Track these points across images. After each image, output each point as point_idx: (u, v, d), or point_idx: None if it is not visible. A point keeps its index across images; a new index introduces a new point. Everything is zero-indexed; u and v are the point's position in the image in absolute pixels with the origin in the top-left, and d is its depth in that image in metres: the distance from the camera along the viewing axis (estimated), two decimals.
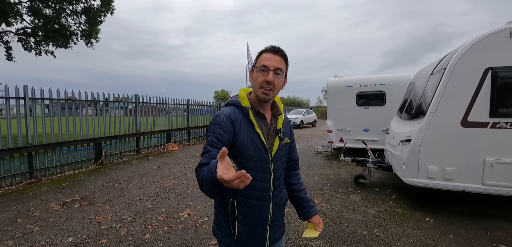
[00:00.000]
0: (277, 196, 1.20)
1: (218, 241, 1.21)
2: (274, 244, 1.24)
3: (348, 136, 7.41)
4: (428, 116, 3.64)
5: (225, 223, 1.16)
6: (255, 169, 1.09)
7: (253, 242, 1.16)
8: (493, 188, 3.42)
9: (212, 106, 13.40)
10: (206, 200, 4.18)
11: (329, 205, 3.97)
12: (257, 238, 1.17)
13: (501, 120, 3.35)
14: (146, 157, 7.89)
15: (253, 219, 1.13)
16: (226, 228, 1.15)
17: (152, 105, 9.18)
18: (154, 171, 6.13)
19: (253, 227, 1.14)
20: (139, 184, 5.05)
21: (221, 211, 1.17)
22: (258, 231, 1.16)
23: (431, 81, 4.07)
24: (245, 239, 1.14)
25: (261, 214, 1.14)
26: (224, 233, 1.17)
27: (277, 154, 1.17)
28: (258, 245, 1.18)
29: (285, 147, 1.23)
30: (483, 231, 3.19)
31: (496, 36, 3.35)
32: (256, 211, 1.13)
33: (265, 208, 1.15)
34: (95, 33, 12.04)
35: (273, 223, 1.20)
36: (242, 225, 1.12)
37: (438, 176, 3.61)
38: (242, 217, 1.12)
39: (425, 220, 3.49)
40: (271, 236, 1.20)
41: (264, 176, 1.13)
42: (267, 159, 1.12)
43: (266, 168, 1.13)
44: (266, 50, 1.11)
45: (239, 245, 1.15)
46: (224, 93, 50.34)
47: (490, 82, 3.37)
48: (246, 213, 1.12)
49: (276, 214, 1.20)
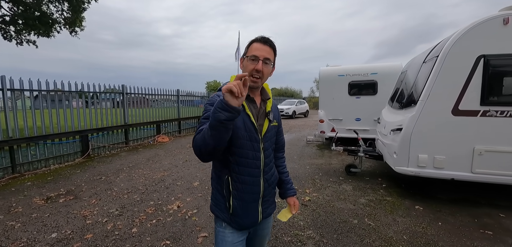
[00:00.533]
0: (268, 173, 1.31)
1: (215, 216, 1.32)
2: (265, 218, 1.36)
3: (340, 125, 7.41)
4: (420, 105, 3.62)
5: (221, 199, 1.27)
6: (247, 147, 1.20)
7: (247, 216, 1.26)
8: (482, 176, 3.46)
9: (204, 97, 13.17)
10: (196, 191, 4.10)
11: (320, 195, 3.96)
12: (250, 212, 1.27)
13: (491, 109, 3.35)
14: (135, 149, 7.71)
15: (246, 194, 1.24)
16: (222, 203, 1.26)
17: (141, 97, 8.93)
18: (143, 163, 5.99)
19: (247, 201, 1.24)
20: (128, 177, 4.92)
21: (218, 188, 1.28)
22: (251, 205, 1.27)
23: (423, 69, 4.05)
24: (240, 213, 1.24)
25: (253, 190, 1.25)
26: (221, 209, 1.27)
27: (267, 134, 1.27)
28: (252, 219, 1.28)
29: (273, 129, 1.35)
30: (470, 218, 3.23)
31: (489, 23, 3.32)
32: (249, 186, 1.24)
33: (256, 183, 1.26)
34: (79, 21, 11.52)
35: (265, 199, 1.32)
36: (236, 199, 1.23)
37: (428, 164, 3.63)
38: (236, 192, 1.23)
39: (414, 208, 3.52)
40: (263, 211, 1.32)
41: (255, 154, 1.23)
42: (257, 139, 1.23)
43: (256, 147, 1.23)
44: (256, 40, 1.20)
45: (234, 218, 1.25)
46: (216, 84, 49.77)
47: (482, 70, 3.35)
48: (240, 188, 1.22)
49: (267, 190, 1.32)
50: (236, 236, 1.28)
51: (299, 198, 3.84)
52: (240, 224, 1.27)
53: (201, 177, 4.88)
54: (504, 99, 3.33)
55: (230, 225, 1.27)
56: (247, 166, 1.22)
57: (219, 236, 1.30)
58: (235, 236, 1.28)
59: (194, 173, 5.16)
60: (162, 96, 10.11)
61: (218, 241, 1.31)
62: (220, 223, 1.30)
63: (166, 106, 10.32)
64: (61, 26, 11.31)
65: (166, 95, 10.27)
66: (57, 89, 6.17)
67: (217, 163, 1.29)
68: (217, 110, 0.96)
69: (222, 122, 0.96)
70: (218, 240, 1.31)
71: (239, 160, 1.21)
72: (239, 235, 1.29)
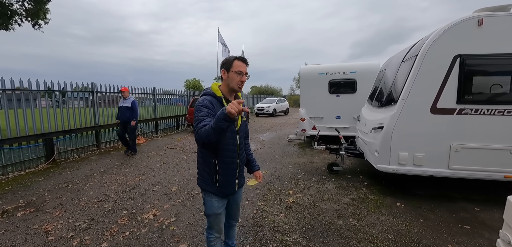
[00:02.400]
0: (241, 154, 1.84)
1: (202, 190, 1.82)
2: (240, 188, 1.93)
3: (321, 123, 7.45)
4: (400, 104, 3.66)
5: (208, 177, 1.75)
6: (228, 137, 1.69)
7: (228, 186, 1.79)
8: (458, 172, 3.57)
9: (182, 95, 12.68)
10: (174, 197, 3.84)
11: (304, 195, 3.88)
12: (230, 183, 1.79)
13: (467, 107, 3.47)
14: (107, 152, 7.19)
15: (227, 170, 1.74)
16: (209, 180, 1.74)
17: (114, 96, 8.36)
18: (116, 167, 5.57)
19: (228, 176, 1.76)
20: (98, 183, 4.51)
21: (206, 169, 1.75)
22: (231, 179, 1.79)
23: (402, 68, 4.11)
24: (223, 184, 1.75)
25: (232, 167, 1.77)
26: (208, 183, 1.76)
27: (241, 127, 1.79)
28: (231, 187, 1.81)
29: (244, 123, 1.87)
30: (449, 213, 3.32)
31: (464, 24, 3.42)
32: (230, 165, 1.75)
33: (235, 162, 1.77)
34: (43, 13, 10.55)
35: (240, 173, 1.86)
36: (221, 175, 1.72)
37: (408, 162, 3.69)
38: (221, 170, 1.72)
39: (396, 205, 3.56)
40: (239, 182, 1.88)
41: (234, 142, 1.74)
42: (234, 130, 1.74)
43: (234, 136, 1.74)
44: (238, 59, 1.70)
45: (219, 189, 1.75)
46: (195, 82, 48.58)
47: (458, 69, 3.45)
48: (224, 167, 1.72)
49: (241, 167, 1.86)
50: (220, 201, 1.81)
51: (283, 199, 3.73)
52: (224, 192, 1.79)
53: (180, 180, 4.61)
54: (479, 98, 3.46)
55: (216, 195, 1.78)
56: (228, 151, 1.72)
57: (208, 203, 1.81)
58: (219, 202, 1.81)
59: (172, 176, 4.87)
60: (137, 94, 9.57)
61: (208, 207, 1.81)
62: (207, 194, 1.79)
63: (142, 106, 9.78)
64: (22, 18, 10.29)
65: (141, 94, 9.73)
66: (17, 88, 5.53)
67: (205, 151, 1.74)
68: (221, 121, 1.40)
69: (224, 129, 1.43)
70: (208, 206, 1.81)
71: (223, 147, 1.69)
72: (222, 201, 1.83)
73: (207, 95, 1.70)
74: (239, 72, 1.66)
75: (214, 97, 1.69)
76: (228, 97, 1.72)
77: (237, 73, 1.66)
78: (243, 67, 1.68)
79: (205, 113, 1.58)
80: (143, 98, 9.94)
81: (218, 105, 1.66)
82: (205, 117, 1.55)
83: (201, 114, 1.57)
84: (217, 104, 1.67)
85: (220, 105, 1.66)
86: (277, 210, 3.40)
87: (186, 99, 12.88)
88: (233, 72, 1.67)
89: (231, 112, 1.34)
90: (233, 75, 1.67)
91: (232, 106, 1.35)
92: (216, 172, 1.69)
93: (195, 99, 11.26)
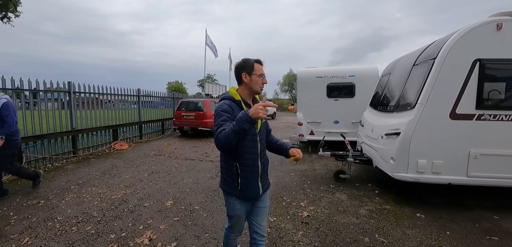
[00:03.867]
0: (263, 157, 1.80)
1: (225, 192, 1.79)
2: (264, 192, 1.83)
3: (319, 128, 7.21)
4: (418, 109, 3.46)
5: (230, 180, 1.72)
6: (249, 140, 1.66)
7: (251, 189, 1.73)
8: (477, 179, 3.42)
9: (164, 97, 11.90)
10: (170, 214, 3.33)
11: (317, 208, 3.54)
12: (253, 187, 1.74)
13: (486, 113, 3.33)
14: (86, 159, 6.41)
15: (249, 173, 1.70)
16: (232, 182, 1.71)
17: (93, 97, 7.57)
18: (98, 178, 4.90)
19: (250, 179, 1.71)
20: (77, 199, 3.86)
21: (228, 172, 1.73)
22: (254, 182, 1.74)
23: (415, 72, 3.93)
24: (246, 188, 1.71)
25: (254, 170, 1.72)
26: (230, 186, 1.73)
27: (260, 129, 1.76)
28: (255, 191, 1.75)
29: (264, 124, 1.84)
30: (471, 223, 3.15)
31: (483, 28, 3.29)
32: (251, 168, 1.71)
33: (256, 165, 1.73)
34: (12, 4, 9.46)
35: (263, 176, 1.79)
36: (243, 178, 1.69)
37: (427, 170, 3.48)
38: (242, 173, 1.68)
39: (416, 216, 3.32)
40: (262, 185, 1.80)
41: (254, 144, 1.71)
42: (255, 133, 1.71)
43: (254, 139, 1.71)
44: (258, 62, 1.72)
45: (241, 192, 1.71)
46: (178, 85, 47.20)
47: (477, 74, 3.31)
48: (245, 170, 1.69)
49: (263, 169, 1.80)
50: (243, 205, 1.76)
51: (296, 213, 3.36)
52: (247, 196, 1.73)
53: (174, 193, 4.08)
54: (497, 104, 3.33)
55: (239, 198, 1.73)
56: (249, 154, 1.68)
57: (231, 205, 1.77)
58: (242, 205, 1.76)
59: (165, 188, 4.32)
60: (121, 96, 8.80)
61: (230, 208, 1.78)
62: (230, 197, 1.75)
63: (124, 108, 9.01)
64: None
65: (124, 95, 8.97)
66: None
67: (227, 154, 1.70)
68: (243, 122, 1.41)
69: (246, 130, 1.43)
70: (230, 207, 1.78)
71: (243, 149, 1.65)
72: (245, 205, 1.78)
73: (226, 99, 1.70)
74: (261, 75, 1.70)
75: (233, 101, 1.69)
76: (247, 101, 1.73)
77: (259, 76, 1.69)
78: (263, 69, 1.73)
79: (225, 118, 1.57)
80: (125, 100, 9.16)
81: (237, 109, 1.66)
82: (224, 122, 1.55)
83: (221, 119, 1.58)
84: (236, 108, 1.67)
85: (239, 109, 1.67)
86: (293, 227, 3.02)
87: (173, 102, 12.17)
88: (256, 75, 1.68)
89: (259, 116, 1.39)
90: (256, 78, 1.68)
91: (261, 111, 1.39)
92: (238, 175, 1.67)
93: (183, 101, 10.64)
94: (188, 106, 10.40)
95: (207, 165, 5.95)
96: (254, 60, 1.70)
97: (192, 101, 10.68)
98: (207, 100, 10.68)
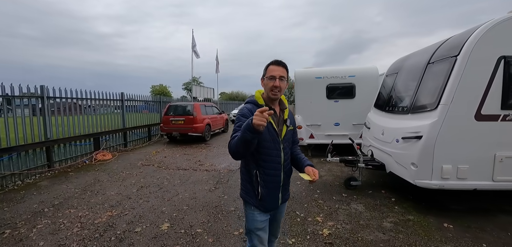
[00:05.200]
0: (286, 167, 1.68)
1: (245, 202, 1.69)
2: (283, 203, 1.77)
3: (319, 131, 6.90)
4: (442, 110, 3.18)
5: (251, 188, 1.64)
6: (270, 147, 1.57)
7: (270, 200, 1.64)
8: (503, 183, 3.21)
9: (149, 102, 11.10)
10: (169, 241, 2.82)
11: (337, 223, 3.16)
12: (273, 197, 1.65)
13: (511, 113, 3.12)
14: (64, 173, 5.67)
15: (270, 183, 1.61)
16: (252, 191, 1.63)
17: (71, 102, 6.79)
18: (77, 196, 4.24)
19: (271, 189, 1.62)
20: (52, 226, 3.24)
21: (248, 180, 1.65)
22: (274, 192, 1.65)
23: (432, 70, 3.68)
24: (266, 198, 1.62)
25: (276, 180, 1.63)
26: (250, 195, 1.64)
27: (285, 137, 1.64)
28: (274, 202, 1.67)
29: (290, 132, 1.72)
30: (503, 231, 2.95)
31: (506, 23, 3.08)
32: (272, 177, 1.61)
33: (278, 175, 1.63)
34: None
35: (284, 187, 1.71)
36: (263, 188, 1.59)
37: (452, 175, 3.21)
38: (263, 182, 1.59)
39: (444, 226, 3.05)
40: (283, 196, 1.72)
41: (277, 152, 1.60)
42: (278, 140, 1.60)
43: (278, 147, 1.60)
44: (272, 63, 1.59)
45: (261, 203, 1.62)
46: (162, 88, 45.63)
47: (502, 72, 3.09)
48: (266, 179, 1.59)
49: (285, 180, 1.70)
50: (262, 216, 1.67)
51: (315, 231, 2.97)
52: (266, 207, 1.65)
53: (170, 212, 3.56)
54: None
55: (258, 208, 1.64)
56: (271, 162, 1.59)
57: (250, 216, 1.67)
58: (262, 216, 1.66)
59: (158, 206, 3.78)
60: (102, 100, 8.03)
61: (249, 220, 1.68)
62: (249, 206, 1.66)
63: (107, 113, 8.24)
64: None
65: (106, 99, 8.21)
66: None
67: (247, 160, 1.63)
68: (246, 132, 1.31)
69: (249, 140, 1.32)
70: (249, 219, 1.68)
71: (265, 157, 1.57)
72: (265, 215, 1.68)
73: (249, 103, 1.64)
74: (271, 77, 1.55)
75: (255, 105, 1.61)
76: (270, 105, 1.60)
77: (269, 78, 1.56)
78: (275, 70, 1.55)
79: (241, 123, 1.46)
80: (107, 105, 8.39)
81: None
82: (240, 128, 1.43)
83: (237, 124, 1.51)
84: None
85: None
86: None
87: (160, 107, 11.44)
88: (266, 78, 1.57)
89: (257, 124, 1.25)
90: (266, 81, 1.57)
91: (256, 118, 1.25)
92: (258, 184, 1.58)
93: (171, 105, 9.99)
94: (176, 110, 9.76)
95: (202, 175, 5.42)
96: (270, 62, 1.60)
97: (181, 105, 10.05)
98: (197, 104, 10.10)
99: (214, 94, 22.64)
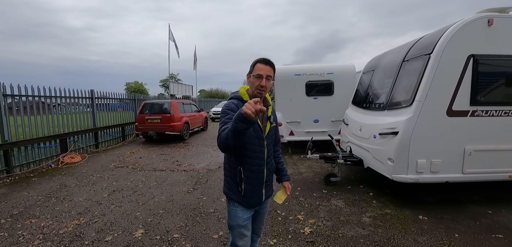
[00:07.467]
0: (269, 163, 1.69)
1: (228, 198, 1.69)
2: (267, 199, 1.76)
3: (299, 128, 6.94)
4: (417, 106, 3.28)
5: (234, 184, 1.63)
6: (255, 144, 1.57)
7: (254, 196, 1.64)
8: (471, 175, 3.39)
9: (124, 99, 10.45)
10: None
11: (318, 220, 3.15)
12: (256, 193, 1.65)
13: (479, 109, 3.30)
14: (25, 179, 5.15)
15: (254, 180, 1.61)
16: (235, 188, 1.63)
17: (33, 101, 6.18)
18: (40, 204, 3.86)
19: (254, 185, 1.62)
20: (9, 239, 2.89)
21: (231, 176, 1.64)
22: (258, 189, 1.64)
23: (407, 68, 3.78)
24: (249, 194, 1.62)
25: (259, 176, 1.63)
26: (234, 192, 1.64)
27: (269, 133, 1.66)
28: (258, 199, 1.67)
29: (273, 129, 1.73)
30: (471, 221, 3.12)
31: (475, 24, 3.24)
32: (256, 173, 1.61)
33: (261, 171, 1.64)
34: None
35: (267, 183, 1.70)
36: (247, 184, 1.60)
37: (426, 169, 3.34)
38: (247, 179, 1.59)
39: (419, 219, 3.17)
40: (266, 192, 1.71)
41: (261, 149, 1.60)
42: (262, 137, 1.61)
43: (261, 143, 1.61)
44: (259, 61, 1.57)
45: (245, 199, 1.62)
46: (137, 85, 43.78)
47: (471, 70, 3.26)
48: (250, 175, 1.60)
49: (269, 176, 1.70)
50: (245, 212, 1.65)
51: (297, 230, 2.93)
52: (250, 203, 1.64)
53: (144, 217, 3.34)
54: (490, 99, 3.32)
55: (241, 204, 1.63)
56: (255, 158, 1.59)
57: (232, 213, 1.66)
58: (245, 213, 1.65)
59: (132, 211, 3.54)
60: (69, 98, 7.44)
61: (232, 217, 1.66)
62: (232, 203, 1.66)
63: (75, 112, 7.65)
64: None
65: (74, 97, 7.62)
66: None
67: (231, 156, 1.63)
68: (237, 122, 1.24)
69: (240, 130, 1.25)
70: (232, 216, 1.66)
71: (249, 154, 1.57)
72: (248, 212, 1.67)
73: (234, 99, 1.64)
74: (258, 76, 1.54)
75: (241, 101, 1.61)
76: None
77: (256, 77, 1.55)
78: (263, 69, 1.54)
79: (230, 116, 1.46)
80: (76, 103, 7.79)
81: None
82: (229, 120, 1.42)
83: (226, 117, 1.50)
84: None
85: None
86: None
87: (134, 105, 10.87)
88: (253, 76, 1.56)
89: (246, 113, 1.18)
90: (253, 79, 1.57)
91: (248, 106, 1.18)
92: (242, 180, 1.59)
93: (146, 103, 9.53)
94: (152, 108, 9.34)
95: (180, 175, 5.20)
96: (257, 60, 1.58)
97: (157, 103, 9.64)
98: (175, 102, 9.74)
99: (193, 91, 22.08)
